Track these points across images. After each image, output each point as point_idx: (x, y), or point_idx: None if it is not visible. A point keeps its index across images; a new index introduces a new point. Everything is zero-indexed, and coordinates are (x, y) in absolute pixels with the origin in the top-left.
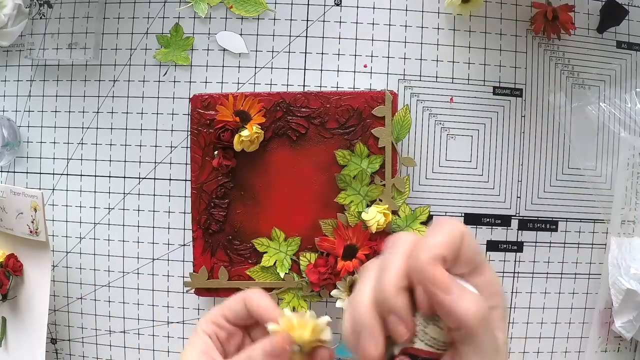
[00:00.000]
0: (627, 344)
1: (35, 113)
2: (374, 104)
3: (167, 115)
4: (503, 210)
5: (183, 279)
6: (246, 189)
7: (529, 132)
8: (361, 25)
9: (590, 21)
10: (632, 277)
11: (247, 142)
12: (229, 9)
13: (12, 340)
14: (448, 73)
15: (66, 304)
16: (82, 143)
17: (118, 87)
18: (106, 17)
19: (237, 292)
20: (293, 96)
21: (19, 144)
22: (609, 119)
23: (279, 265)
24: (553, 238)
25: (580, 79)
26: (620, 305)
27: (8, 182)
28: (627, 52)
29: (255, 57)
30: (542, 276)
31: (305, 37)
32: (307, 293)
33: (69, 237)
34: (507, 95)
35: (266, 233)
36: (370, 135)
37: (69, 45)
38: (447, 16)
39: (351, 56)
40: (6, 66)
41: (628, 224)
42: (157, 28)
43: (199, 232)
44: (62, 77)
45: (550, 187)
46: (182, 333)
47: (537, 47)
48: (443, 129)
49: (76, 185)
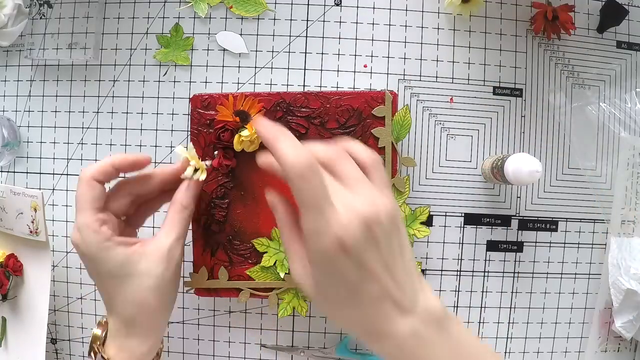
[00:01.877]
0: (627, 344)
1: (35, 113)
2: (374, 104)
3: (167, 115)
4: (503, 210)
5: (183, 279)
6: (246, 189)
7: (529, 132)
8: (361, 25)
9: (590, 21)
10: (632, 277)
11: (247, 142)
12: (229, 9)
13: (12, 340)
14: (448, 73)
15: (66, 304)
16: (82, 143)
17: (118, 87)
18: (106, 17)
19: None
20: (293, 96)
21: (19, 144)
22: (609, 119)
23: (279, 265)
24: (553, 238)
25: (580, 79)
26: (620, 305)
27: (8, 182)
28: (627, 52)
29: (255, 57)
30: (542, 276)
31: (305, 37)
32: None
33: (69, 237)
34: (507, 95)
35: (266, 233)
36: (370, 135)
37: (69, 45)
38: (447, 16)
39: (351, 56)
40: (6, 66)
41: (628, 224)
42: (157, 28)
43: (199, 232)
44: (62, 77)
45: (550, 187)
46: (182, 333)
47: (537, 47)
48: (443, 129)
49: (76, 185)
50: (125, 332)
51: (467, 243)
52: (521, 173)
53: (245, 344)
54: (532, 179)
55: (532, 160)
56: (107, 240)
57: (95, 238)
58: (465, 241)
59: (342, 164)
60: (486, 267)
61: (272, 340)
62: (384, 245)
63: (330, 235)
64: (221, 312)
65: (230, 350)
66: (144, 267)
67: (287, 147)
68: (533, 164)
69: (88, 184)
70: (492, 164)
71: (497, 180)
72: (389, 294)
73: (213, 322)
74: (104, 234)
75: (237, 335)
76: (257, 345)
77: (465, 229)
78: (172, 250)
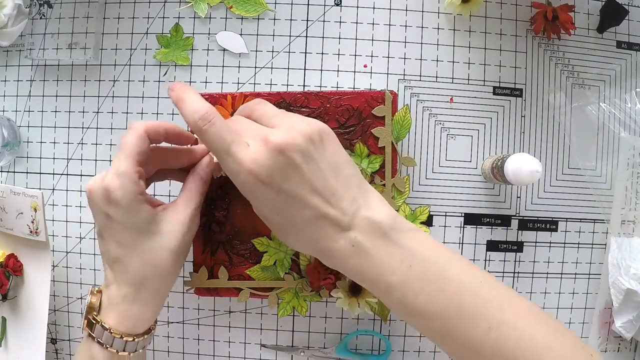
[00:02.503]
0: (627, 344)
1: (35, 113)
2: (374, 104)
3: (167, 115)
4: (503, 210)
5: (183, 278)
6: None
7: (529, 132)
8: (361, 25)
9: (590, 21)
10: (632, 277)
11: None
12: (229, 9)
13: (12, 340)
14: (448, 73)
15: (66, 304)
16: (82, 143)
17: (118, 87)
18: (106, 17)
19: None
20: (293, 96)
21: (19, 144)
22: (609, 119)
23: (279, 265)
24: (553, 238)
25: (580, 79)
26: (620, 305)
27: (8, 182)
28: (627, 52)
29: (255, 57)
30: (542, 276)
31: (305, 37)
32: (307, 293)
33: (69, 237)
34: (507, 95)
35: (266, 232)
36: (370, 135)
37: (69, 45)
38: (447, 16)
39: (351, 56)
40: (6, 66)
41: (628, 224)
42: (157, 28)
43: (199, 232)
44: (62, 77)
45: (550, 187)
46: (182, 333)
47: (537, 47)
48: (443, 129)
49: (76, 185)
50: (132, 298)
51: (467, 243)
52: (521, 173)
53: (245, 344)
54: (532, 179)
55: (532, 160)
56: (141, 194)
57: (133, 188)
58: (465, 241)
59: (260, 107)
60: (486, 267)
61: (272, 340)
62: (306, 169)
63: (244, 172)
64: (221, 312)
65: (230, 350)
66: (167, 228)
67: (186, 107)
68: (533, 164)
69: (139, 135)
70: (492, 164)
71: (497, 180)
72: (323, 214)
73: (213, 322)
74: (140, 187)
75: (237, 335)
76: (257, 345)
77: (465, 229)
78: (193, 218)
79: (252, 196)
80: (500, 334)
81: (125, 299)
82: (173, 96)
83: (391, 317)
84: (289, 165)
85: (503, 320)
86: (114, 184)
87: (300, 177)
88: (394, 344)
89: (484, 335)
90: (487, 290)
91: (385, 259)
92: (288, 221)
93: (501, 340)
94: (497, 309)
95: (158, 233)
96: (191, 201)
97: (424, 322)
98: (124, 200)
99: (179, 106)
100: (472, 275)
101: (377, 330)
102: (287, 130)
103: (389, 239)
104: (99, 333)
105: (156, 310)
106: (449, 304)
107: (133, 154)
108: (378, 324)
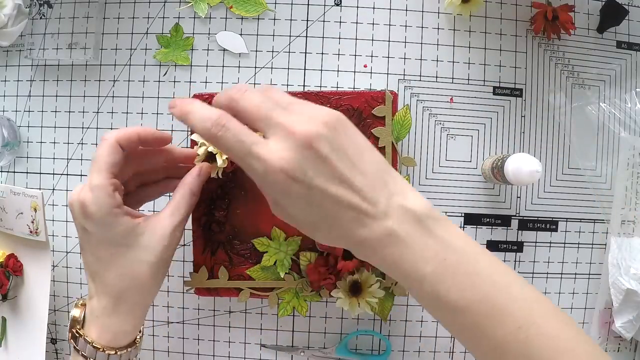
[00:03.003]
0: (627, 344)
1: (35, 113)
2: (374, 104)
3: (167, 115)
4: (503, 210)
5: (183, 278)
6: (246, 189)
7: (529, 132)
8: (361, 25)
9: (590, 21)
10: (632, 277)
11: None
12: (229, 9)
13: (12, 340)
14: (448, 73)
15: (66, 304)
16: (82, 143)
17: (118, 87)
18: (106, 17)
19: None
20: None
21: (19, 144)
22: (609, 119)
23: (279, 265)
24: (553, 238)
25: (580, 79)
26: (620, 305)
27: (8, 182)
28: (627, 52)
29: (255, 57)
30: (542, 276)
31: (305, 37)
32: (307, 293)
33: (69, 237)
34: (507, 95)
35: (266, 232)
36: (371, 135)
37: (69, 45)
38: (447, 16)
39: (351, 56)
40: (6, 66)
41: (628, 224)
42: (157, 28)
43: (199, 232)
44: (62, 77)
45: (550, 187)
46: (182, 333)
47: (537, 47)
48: (443, 129)
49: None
50: (110, 310)
51: None
52: (521, 173)
53: (245, 344)
54: (532, 179)
55: (532, 160)
56: (117, 207)
57: (107, 201)
58: None
59: (271, 93)
60: None
61: (272, 340)
62: (334, 159)
63: (273, 171)
64: (221, 312)
65: (230, 350)
66: (146, 241)
67: (195, 118)
68: (533, 164)
69: (111, 146)
70: (492, 164)
71: (497, 180)
72: (355, 204)
73: (213, 322)
74: (116, 200)
75: (237, 335)
76: (257, 345)
77: (466, 229)
78: (175, 231)
79: (282, 195)
80: (529, 335)
81: (104, 312)
82: (176, 112)
83: (391, 317)
84: (318, 157)
85: (533, 321)
86: (88, 198)
87: (330, 168)
88: (394, 344)
89: (512, 336)
90: (518, 290)
91: (421, 248)
92: (320, 216)
93: (529, 341)
94: (528, 310)
95: (136, 246)
96: (175, 215)
97: (454, 317)
98: (98, 214)
99: (186, 119)
100: (503, 273)
101: (377, 330)
102: (310, 120)
103: (425, 228)
104: (82, 346)
105: (137, 323)
106: (480, 300)
107: (106, 167)
108: (378, 324)
